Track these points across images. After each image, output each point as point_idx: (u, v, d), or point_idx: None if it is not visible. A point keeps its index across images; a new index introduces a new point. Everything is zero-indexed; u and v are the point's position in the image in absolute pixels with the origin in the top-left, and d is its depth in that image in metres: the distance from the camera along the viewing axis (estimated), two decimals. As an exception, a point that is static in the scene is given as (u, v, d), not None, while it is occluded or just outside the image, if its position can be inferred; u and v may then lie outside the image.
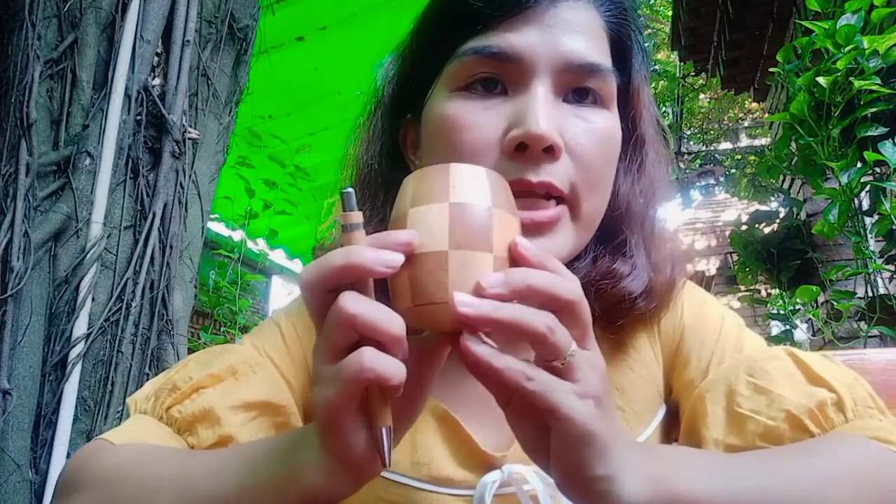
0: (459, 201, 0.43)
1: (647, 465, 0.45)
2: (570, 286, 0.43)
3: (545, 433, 0.43)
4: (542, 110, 0.56)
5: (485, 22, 0.59)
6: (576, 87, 0.60)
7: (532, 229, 0.57)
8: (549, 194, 0.57)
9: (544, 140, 0.55)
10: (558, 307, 0.42)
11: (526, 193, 0.57)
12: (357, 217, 0.43)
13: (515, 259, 0.43)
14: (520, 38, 0.58)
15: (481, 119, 0.58)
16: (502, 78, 0.59)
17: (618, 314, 0.64)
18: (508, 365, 0.40)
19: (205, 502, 0.47)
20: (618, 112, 0.64)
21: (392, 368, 0.39)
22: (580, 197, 0.59)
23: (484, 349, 0.41)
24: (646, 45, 0.69)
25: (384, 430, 0.42)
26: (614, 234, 0.65)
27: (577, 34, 0.59)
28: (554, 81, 0.58)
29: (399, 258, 0.41)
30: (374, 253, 0.40)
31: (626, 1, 0.65)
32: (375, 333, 0.40)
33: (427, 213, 0.43)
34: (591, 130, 0.59)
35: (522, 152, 0.56)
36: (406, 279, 0.42)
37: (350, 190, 0.43)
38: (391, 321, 0.40)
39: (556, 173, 0.57)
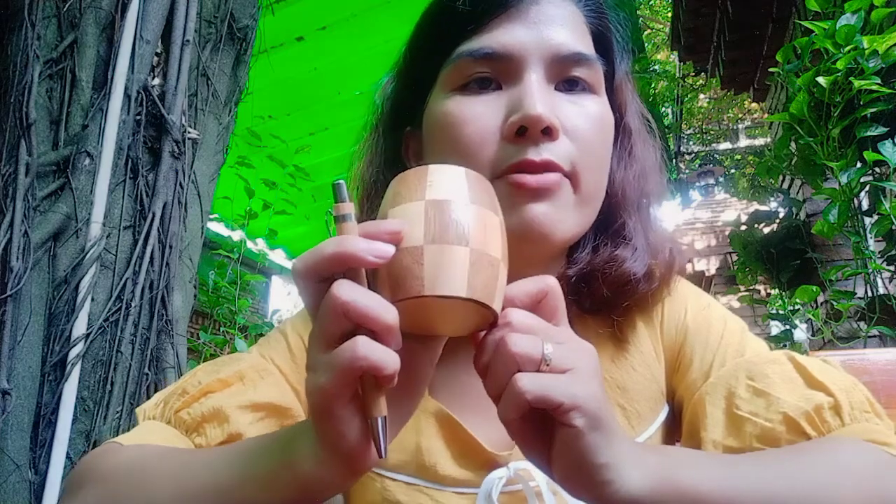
0: (436, 198, 0.43)
1: (649, 457, 0.45)
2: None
3: (543, 429, 0.43)
4: (538, 94, 0.59)
5: (474, 24, 0.62)
6: (565, 77, 0.63)
7: (535, 194, 0.59)
8: (551, 171, 0.60)
9: (542, 121, 0.58)
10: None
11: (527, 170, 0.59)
12: (348, 208, 0.43)
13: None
14: (508, 37, 0.61)
15: (480, 111, 0.61)
16: (496, 75, 0.62)
17: (622, 297, 0.65)
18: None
19: (201, 495, 0.48)
20: (607, 99, 0.66)
21: (386, 358, 0.39)
22: (580, 173, 0.61)
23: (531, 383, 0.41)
24: (628, 40, 0.72)
25: (379, 421, 0.41)
26: (613, 219, 0.68)
27: (561, 27, 0.63)
28: (545, 72, 0.61)
29: (390, 249, 0.41)
30: (366, 243, 0.41)
31: None
32: (368, 322, 0.40)
33: (404, 211, 0.43)
34: (585, 114, 0.62)
35: (522, 136, 0.59)
36: (385, 275, 0.42)
37: (341, 181, 0.43)
38: (385, 310, 0.40)
39: (556, 152, 0.59)
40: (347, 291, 0.40)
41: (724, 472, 0.48)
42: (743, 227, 3.06)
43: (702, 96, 11.65)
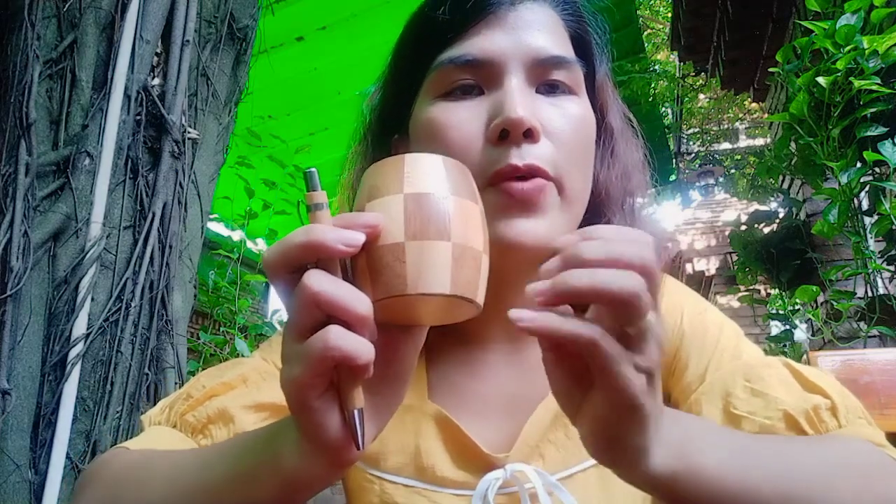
0: (414, 191, 0.42)
1: (675, 436, 0.45)
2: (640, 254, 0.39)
3: (581, 386, 0.42)
4: (518, 98, 0.60)
5: (454, 32, 0.64)
6: (545, 80, 0.64)
7: (523, 206, 0.59)
8: (536, 176, 0.60)
9: (523, 123, 0.59)
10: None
11: (514, 176, 0.60)
12: (321, 197, 0.42)
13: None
14: (488, 43, 0.63)
15: (464, 116, 0.62)
16: (478, 81, 0.63)
17: None
18: (577, 329, 0.38)
19: (191, 495, 0.48)
20: (588, 100, 0.67)
21: (359, 348, 0.38)
22: (563, 176, 0.62)
23: (545, 319, 0.38)
24: (606, 42, 0.73)
25: (356, 413, 0.41)
26: (598, 219, 0.69)
27: (540, 32, 0.64)
28: (525, 76, 0.62)
29: (360, 237, 0.40)
30: (335, 232, 0.40)
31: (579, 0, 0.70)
32: (340, 312, 0.39)
33: (382, 205, 0.42)
34: (567, 115, 0.63)
35: (505, 139, 0.60)
36: (366, 272, 0.42)
37: (313, 170, 0.42)
38: (356, 300, 0.39)
39: (539, 156, 0.60)
40: (318, 281, 0.39)
41: (740, 455, 0.48)
42: (743, 227, 3.06)
43: (702, 96, 11.64)
